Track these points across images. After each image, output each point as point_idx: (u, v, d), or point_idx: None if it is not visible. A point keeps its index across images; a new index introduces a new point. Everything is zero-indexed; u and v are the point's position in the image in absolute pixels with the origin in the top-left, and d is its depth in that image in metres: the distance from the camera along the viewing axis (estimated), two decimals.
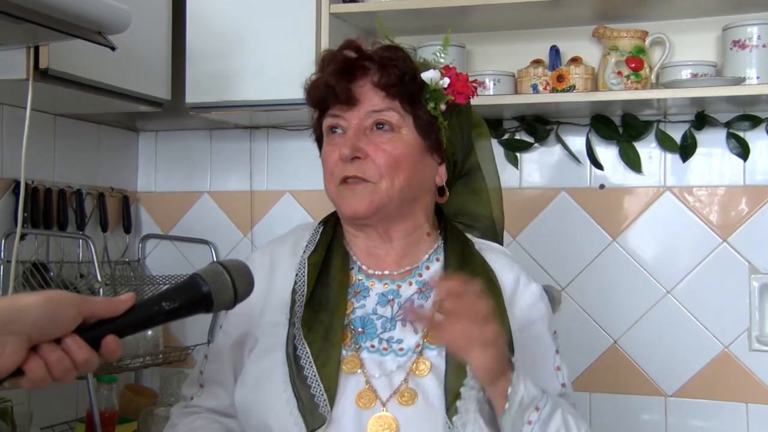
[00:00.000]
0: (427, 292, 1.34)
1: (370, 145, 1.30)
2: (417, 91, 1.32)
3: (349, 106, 1.30)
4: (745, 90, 2.03)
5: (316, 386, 1.22)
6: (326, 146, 1.36)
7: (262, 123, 2.59)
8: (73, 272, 2.35)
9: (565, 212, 2.37)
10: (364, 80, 1.31)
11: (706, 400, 2.25)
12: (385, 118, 1.30)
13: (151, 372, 2.66)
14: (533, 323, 1.38)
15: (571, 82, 2.16)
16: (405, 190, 1.32)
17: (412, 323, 1.31)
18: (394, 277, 1.35)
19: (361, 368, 1.26)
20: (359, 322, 1.31)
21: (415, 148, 1.32)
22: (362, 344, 1.29)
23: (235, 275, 1.04)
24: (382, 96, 1.30)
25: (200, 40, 2.26)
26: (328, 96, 1.31)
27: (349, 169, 1.30)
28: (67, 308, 0.93)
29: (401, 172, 1.30)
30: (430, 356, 1.28)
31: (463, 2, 2.14)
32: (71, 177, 2.43)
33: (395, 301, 1.33)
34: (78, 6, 1.55)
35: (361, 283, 1.35)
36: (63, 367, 0.93)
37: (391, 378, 1.26)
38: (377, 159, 1.29)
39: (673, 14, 2.22)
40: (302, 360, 1.24)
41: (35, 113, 1.89)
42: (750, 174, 2.24)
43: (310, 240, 1.40)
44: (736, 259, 2.24)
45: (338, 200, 1.34)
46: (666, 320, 2.28)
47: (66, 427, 2.35)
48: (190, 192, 2.72)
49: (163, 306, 1.00)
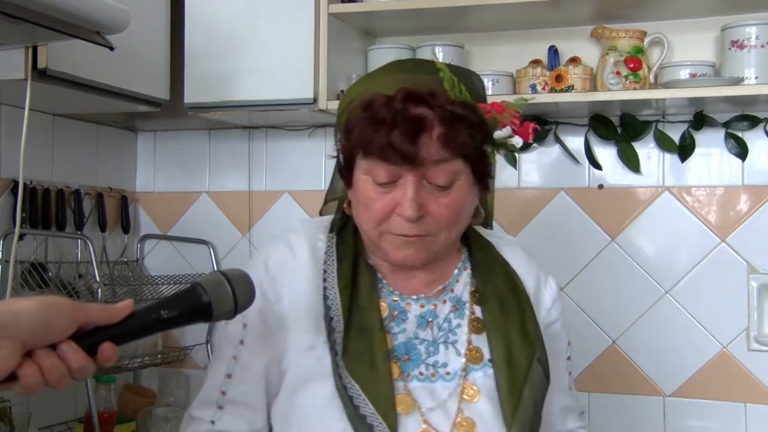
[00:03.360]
0: (461, 308, 1.31)
1: (431, 200, 1.20)
2: (482, 144, 1.22)
3: (412, 164, 1.18)
4: (744, 90, 2.03)
5: (379, 425, 1.17)
6: (372, 191, 1.22)
7: (261, 123, 2.58)
8: (72, 272, 2.35)
9: (564, 212, 2.37)
10: (429, 134, 1.18)
11: (704, 400, 2.25)
12: (449, 169, 1.20)
13: (150, 372, 2.66)
14: (555, 322, 1.40)
15: (570, 82, 2.16)
16: (458, 235, 1.29)
17: (454, 345, 1.28)
18: (429, 297, 1.31)
19: (415, 406, 1.22)
20: (403, 348, 1.26)
21: (470, 191, 1.25)
22: (410, 372, 1.25)
23: (236, 285, 1.03)
24: (447, 152, 1.19)
25: (199, 40, 2.26)
26: (389, 154, 1.17)
27: (411, 229, 1.21)
28: (62, 314, 0.92)
29: (459, 222, 1.25)
30: (476, 379, 1.26)
31: (461, 2, 2.14)
32: (70, 177, 2.43)
33: (434, 323, 1.29)
34: (77, 6, 1.55)
35: (397, 305, 1.29)
36: (57, 374, 0.92)
37: (446, 408, 1.23)
38: (438, 215, 1.21)
39: (672, 14, 2.22)
40: (355, 398, 1.19)
41: (34, 113, 1.89)
42: (748, 174, 2.24)
43: (328, 252, 1.31)
44: (734, 259, 2.24)
45: (386, 248, 1.24)
46: (665, 320, 2.28)
47: (64, 428, 2.35)
48: (188, 192, 2.72)
49: (161, 314, 0.99)
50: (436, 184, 1.20)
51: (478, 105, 1.23)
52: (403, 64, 1.32)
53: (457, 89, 1.22)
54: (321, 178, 2.58)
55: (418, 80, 1.22)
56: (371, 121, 1.18)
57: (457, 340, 1.29)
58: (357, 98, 1.24)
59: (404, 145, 1.16)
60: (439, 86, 1.21)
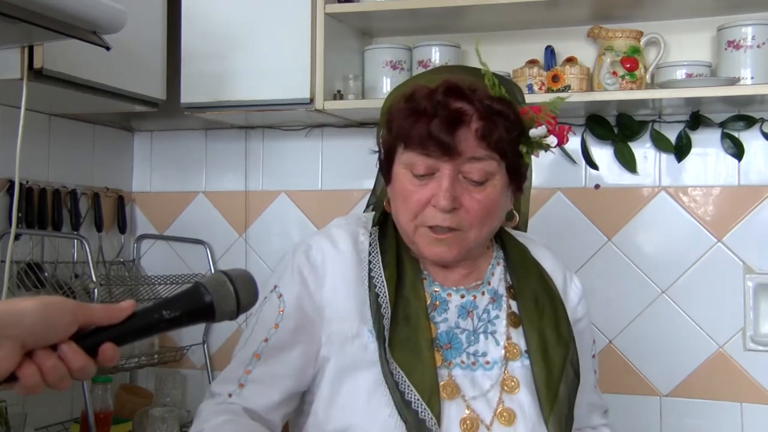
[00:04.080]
0: (499, 300, 1.35)
1: (465, 194, 1.25)
2: (517, 142, 1.27)
3: (449, 156, 1.23)
4: (740, 90, 2.04)
5: (423, 411, 1.20)
6: (409, 183, 1.26)
7: (258, 123, 2.58)
8: (68, 272, 2.34)
9: (561, 212, 2.37)
10: (468, 128, 1.23)
11: (701, 399, 2.25)
12: (484, 168, 1.24)
13: (147, 372, 2.66)
14: (581, 320, 1.43)
15: (567, 82, 2.16)
16: (490, 233, 1.32)
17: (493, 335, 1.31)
18: (469, 289, 1.34)
19: (459, 393, 1.26)
20: (445, 337, 1.30)
21: (504, 190, 1.29)
22: (452, 360, 1.28)
23: (239, 286, 1.02)
24: (483, 145, 1.23)
25: (195, 40, 2.26)
26: (428, 144, 1.22)
27: (444, 220, 1.25)
28: (63, 315, 0.92)
29: (490, 220, 1.28)
30: (514, 370, 1.30)
31: (458, 2, 2.15)
32: (66, 177, 2.42)
33: (474, 313, 1.33)
34: (73, 6, 1.55)
35: (439, 295, 1.33)
36: (57, 374, 0.91)
37: (488, 398, 1.27)
38: (471, 209, 1.25)
39: (668, 14, 2.22)
40: (400, 384, 1.22)
41: (30, 113, 1.89)
42: (744, 174, 2.25)
43: (372, 246, 1.34)
44: (730, 259, 2.24)
45: (420, 242, 1.29)
46: (661, 320, 2.29)
47: (61, 428, 2.35)
48: (185, 192, 2.72)
49: (163, 314, 0.98)
50: (471, 180, 1.24)
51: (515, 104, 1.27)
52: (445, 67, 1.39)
53: (498, 88, 1.26)
54: (317, 178, 2.58)
55: (461, 78, 1.27)
56: (412, 112, 1.24)
57: (496, 331, 1.32)
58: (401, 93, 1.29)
59: (443, 135, 1.21)
60: (481, 83, 1.26)
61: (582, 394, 1.37)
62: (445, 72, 1.35)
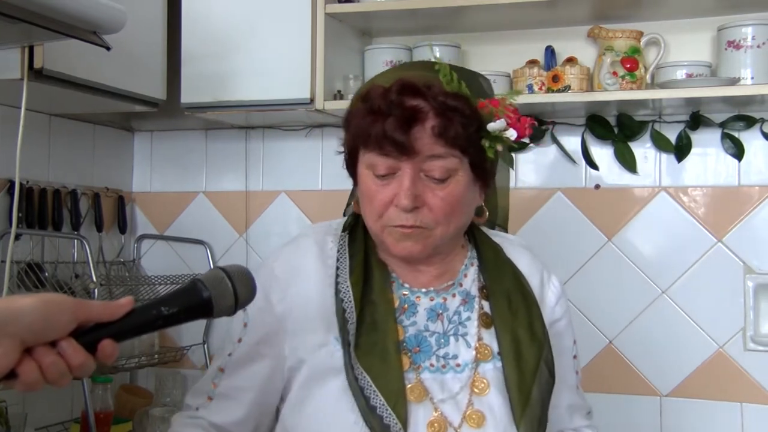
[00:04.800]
0: (470, 302, 1.34)
1: (427, 192, 1.23)
2: (478, 137, 1.25)
3: (406, 155, 1.22)
4: (740, 90, 2.04)
5: (388, 416, 1.19)
6: (372, 184, 1.26)
7: (258, 123, 2.58)
8: (68, 272, 2.35)
9: (561, 212, 2.37)
10: (423, 126, 1.21)
11: (701, 399, 2.25)
12: (445, 166, 1.23)
13: (147, 372, 2.66)
14: (559, 319, 1.42)
15: (567, 83, 2.16)
16: (458, 230, 1.31)
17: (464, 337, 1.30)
18: (439, 290, 1.33)
19: (427, 396, 1.24)
20: (414, 340, 1.28)
21: (469, 186, 1.27)
22: (421, 364, 1.27)
23: (237, 281, 1.02)
24: (441, 143, 1.22)
25: (195, 40, 2.26)
26: (384, 144, 1.21)
27: (407, 219, 1.24)
28: (63, 311, 0.92)
29: (456, 216, 1.27)
30: (485, 371, 1.28)
31: (458, 2, 2.15)
32: (66, 177, 2.42)
33: (444, 315, 1.31)
34: (73, 6, 1.55)
35: (407, 298, 1.32)
36: (57, 371, 0.91)
37: (457, 401, 1.25)
38: (434, 207, 1.24)
39: (668, 14, 2.22)
40: (366, 390, 1.21)
41: (30, 113, 1.89)
42: (744, 174, 2.25)
43: (340, 251, 1.33)
44: (730, 259, 2.24)
45: (388, 241, 1.28)
46: (661, 320, 2.29)
47: (61, 428, 2.35)
48: (185, 192, 2.72)
49: (162, 311, 0.98)
50: (433, 177, 1.23)
51: (474, 98, 1.25)
52: (407, 64, 1.36)
53: (456, 84, 1.24)
54: (318, 178, 2.58)
55: (417, 75, 1.25)
56: (368, 112, 1.23)
57: (467, 333, 1.31)
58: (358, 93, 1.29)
59: (398, 135, 1.20)
60: (437, 80, 1.24)
61: (560, 396, 1.38)
62: (404, 69, 1.33)
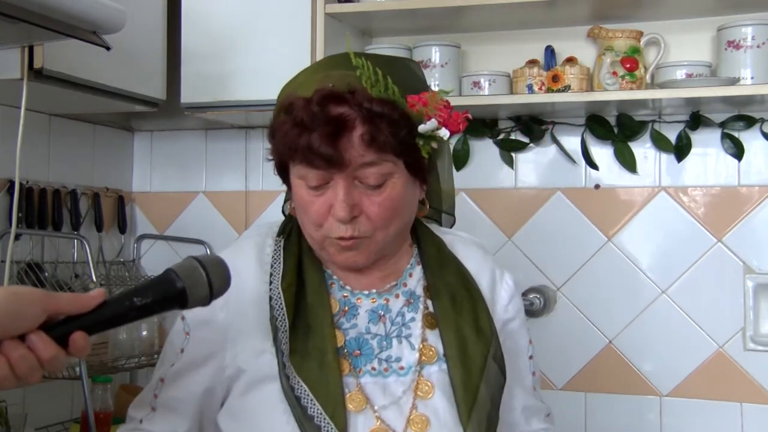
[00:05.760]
0: (415, 302, 1.29)
1: (364, 199, 1.19)
2: (409, 138, 1.20)
3: (338, 167, 1.17)
4: (740, 90, 2.04)
5: (326, 425, 1.15)
6: (306, 194, 1.21)
7: (258, 123, 2.58)
8: (68, 272, 2.34)
9: (561, 212, 2.37)
10: (351, 135, 1.16)
11: (701, 399, 2.25)
12: (379, 171, 1.18)
13: (146, 372, 2.65)
14: (513, 319, 1.37)
15: (567, 83, 2.16)
16: (399, 231, 1.26)
17: (407, 339, 1.26)
18: (381, 292, 1.29)
19: (368, 403, 1.20)
20: (354, 344, 1.23)
21: (407, 187, 1.22)
22: (362, 367, 1.22)
23: (211, 271, 1.00)
24: (372, 151, 1.16)
25: (195, 40, 2.26)
26: (312, 158, 1.16)
27: (346, 230, 1.20)
28: (30, 303, 0.89)
29: (395, 219, 1.22)
30: (430, 374, 1.24)
31: (458, 2, 2.15)
32: (66, 177, 2.42)
33: (387, 317, 1.27)
34: (73, 6, 1.55)
35: (348, 300, 1.27)
36: (27, 365, 0.88)
37: (400, 405, 1.21)
38: (372, 214, 1.20)
39: (668, 14, 2.22)
40: (303, 399, 1.16)
41: (30, 113, 1.89)
42: (744, 174, 2.25)
43: (275, 257, 1.28)
44: (730, 259, 2.24)
45: (330, 251, 1.23)
46: (661, 320, 2.29)
47: (61, 428, 2.35)
48: (185, 192, 2.72)
49: (134, 302, 0.96)
50: (368, 184, 1.19)
51: (404, 98, 1.20)
52: (328, 60, 1.30)
53: (381, 85, 1.18)
54: None
55: (339, 77, 1.19)
56: (291, 125, 1.18)
57: (411, 334, 1.26)
58: (280, 103, 1.24)
59: (324, 148, 1.15)
60: (359, 83, 1.18)
61: (515, 397, 1.34)
62: (322, 69, 1.27)
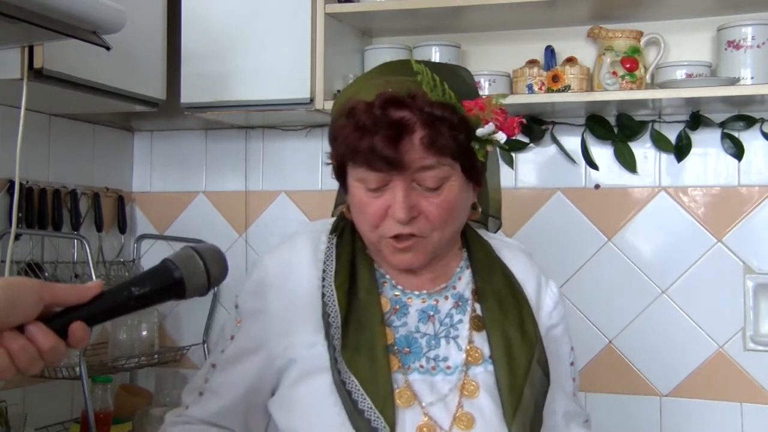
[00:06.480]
0: (463, 305, 1.33)
1: (421, 200, 1.23)
2: (467, 142, 1.23)
3: (398, 170, 1.20)
4: (740, 90, 2.04)
5: (376, 419, 1.18)
6: (364, 196, 1.24)
7: (258, 123, 2.58)
8: (68, 272, 2.35)
9: (561, 212, 2.37)
10: (411, 138, 1.19)
11: (701, 399, 2.25)
12: (437, 175, 1.22)
13: (147, 372, 2.66)
14: (557, 325, 1.41)
15: (567, 83, 2.17)
16: (454, 234, 1.30)
17: (455, 339, 1.30)
18: (431, 293, 1.33)
19: (416, 399, 1.23)
20: (404, 341, 1.27)
21: (462, 190, 1.26)
22: (410, 365, 1.26)
23: (209, 260, 1.00)
24: (431, 154, 1.20)
25: (195, 40, 2.26)
26: (374, 161, 1.19)
27: (404, 229, 1.23)
28: (27, 293, 0.88)
29: (451, 221, 1.26)
30: (476, 374, 1.27)
31: (458, 2, 2.15)
32: (66, 177, 2.42)
33: (436, 317, 1.30)
34: (73, 6, 1.55)
35: (399, 299, 1.31)
36: (27, 356, 0.88)
37: (447, 403, 1.24)
38: (430, 214, 1.23)
39: (668, 14, 2.22)
40: (353, 393, 1.20)
41: (30, 113, 1.89)
42: (744, 174, 2.25)
43: (328, 254, 1.32)
44: (730, 259, 2.24)
45: (385, 252, 1.27)
46: (661, 320, 2.29)
47: (61, 428, 2.35)
48: (185, 192, 2.72)
49: (132, 291, 0.95)
50: (426, 186, 1.22)
51: (460, 103, 1.23)
52: (385, 66, 1.33)
53: (439, 90, 1.22)
54: (317, 178, 2.57)
55: (399, 83, 1.23)
56: (353, 128, 1.21)
57: (459, 336, 1.30)
58: (340, 107, 1.26)
59: (386, 151, 1.18)
60: (420, 88, 1.22)
61: (556, 402, 1.36)
62: (383, 74, 1.30)
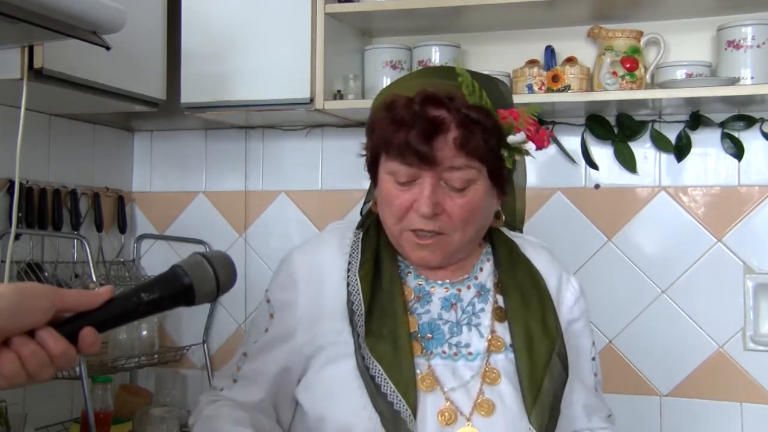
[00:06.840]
0: (485, 294, 1.37)
1: (446, 199, 1.28)
2: (497, 148, 1.29)
3: (428, 165, 1.26)
4: (740, 90, 2.04)
5: (398, 402, 1.23)
6: (393, 188, 1.30)
7: (258, 123, 2.58)
8: (68, 272, 2.35)
9: (561, 212, 2.37)
10: (445, 136, 1.25)
11: (701, 399, 2.25)
12: (464, 176, 1.27)
13: (147, 372, 2.66)
14: (577, 320, 1.43)
15: (567, 82, 2.16)
16: (474, 236, 1.34)
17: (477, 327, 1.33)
18: (454, 282, 1.37)
19: (438, 384, 1.27)
20: (427, 328, 1.32)
21: (487, 194, 1.31)
22: (433, 350, 1.30)
23: (218, 266, 1.00)
24: (462, 155, 1.25)
25: (195, 40, 2.26)
26: (407, 154, 1.25)
27: (427, 224, 1.28)
28: (39, 299, 0.89)
29: (472, 223, 1.31)
30: (497, 362, 1.31)
31: (458, 2, 2.15)
32: (66, 177, 2.42)
33: (458, 305, 1.35)
34: (73, 6, 1.55)
35: (422, 288, 1.36)
36: (38, 362, 0.88)
37: (468, 389, 1.28)
38: (453, 213, 1.28)
39: (668, 14, 2.22)
40: (377, 377, 1.24)
41: (30, 113, 1.89)
42: (744, 174, 2.25)
43: (353, 248, 1.37)
44: (730, 258, 2.24)
45: (405, 247, 1.33)
46: (661, 320, 2.29)
47: (61, 428, 2.35)
48: (185, 192, 2.72)
49: (142, 297, 0.96)
50: (452, 186, 1.27)
51: (495, 110, 1.28)
52: (429, 70, 1.41)
53: (477, 95, 1.27)
54: (317, 178, 2.58)
55: (440, 84, 1.28)
56: (391, 121, 1.27)
57: (480, 324, 1.34)
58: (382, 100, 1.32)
59: (420, 146, 1.23)
60: (459, 91, 1.27)
61: (576, 394, 1.39)
62: (425, 76, 1.37)
